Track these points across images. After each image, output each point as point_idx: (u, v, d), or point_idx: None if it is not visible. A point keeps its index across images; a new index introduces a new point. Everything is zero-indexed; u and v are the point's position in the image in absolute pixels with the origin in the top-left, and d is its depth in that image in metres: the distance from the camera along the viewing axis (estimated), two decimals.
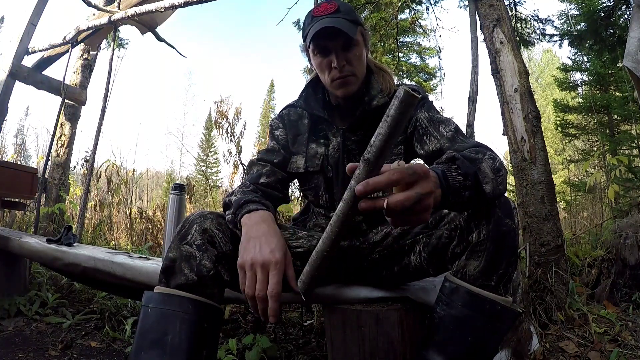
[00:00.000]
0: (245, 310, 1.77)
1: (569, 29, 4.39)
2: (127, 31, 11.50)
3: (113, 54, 2.72)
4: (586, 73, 5.77)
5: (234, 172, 3.16)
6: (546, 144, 1.87)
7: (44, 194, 2.92)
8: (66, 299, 1.91)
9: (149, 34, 2.94)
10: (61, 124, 3.16)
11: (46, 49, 2.79)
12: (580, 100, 6.00)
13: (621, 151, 5.00)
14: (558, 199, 2.94)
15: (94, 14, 2.96)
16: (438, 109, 1.02)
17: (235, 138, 3.11)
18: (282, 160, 1.07)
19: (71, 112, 3.21)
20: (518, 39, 3.82)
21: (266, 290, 0.73)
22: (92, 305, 1.86)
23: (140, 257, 1.50)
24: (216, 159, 23.01)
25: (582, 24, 4.26)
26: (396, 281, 1.00)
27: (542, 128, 1.89)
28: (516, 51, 1.93)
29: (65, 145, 3.17)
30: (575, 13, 4.42)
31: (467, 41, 2.09)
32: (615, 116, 5.23)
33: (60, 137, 3.16)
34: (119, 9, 2.61)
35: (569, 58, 6.15)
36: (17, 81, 2.71)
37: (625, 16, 3.87)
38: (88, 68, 3.29)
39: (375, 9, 4.52)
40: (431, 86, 7.21)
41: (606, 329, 1.51)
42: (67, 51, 2.78)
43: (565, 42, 4.43)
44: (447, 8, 6.43)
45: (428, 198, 0.56)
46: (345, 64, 0.96)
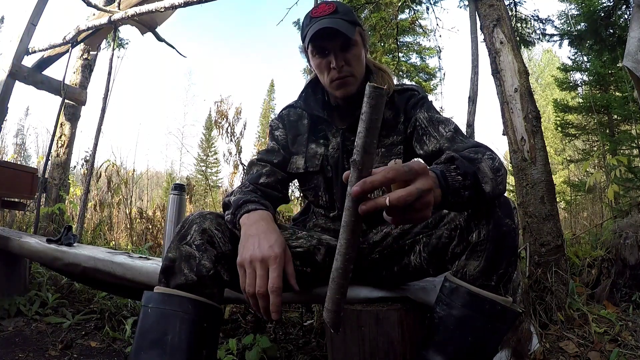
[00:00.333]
0: (245, 310, 1.77)
1: (569, 29, 4.38)
2: (127, 31, 11.50)
3: (113, 54, 2.72)
4: (586, 73, 5.77)
5: (234, 172, 3.16)
6: (546, 144, 1.87)
7: (44, 194, 2.92)
8: (66, 299, 1.91)
9: (149, 34, 2.94)
10: (61, 124, 3.16)
11: (46, 49, 2.79)
12: (580, 100, 5.99)
13: (621, 151, 5.00)
14: (558, 199, 2.94)
15: (94, 14, 2.96)
16: (438, 109, 1.02)
17: (235, 138, 3.11)
18: (282, 160, 1.07)
19: (71, 112, 3.21)
20: (518, 39, 3.82)
21: (267, 286, 0.73)
22: (92, 305, 1.86)
23: (140, 257, 1.50)
24: (216, 159, 23.02)
25: (582, 24, 4.26)
26: (396, 281, 1.00)
27: (542, 128, 1.89)
28: (516, 51, 1.93)
29: (65, 145, 3.17)
30: (575, 13, 4.42)
31: (467, 41, 2.09)
32: (615, 116, 5.23)
33: (60, 137, 3.16)
34: (119, 9, 2.61)
35: (569, 58, 6.15)
36: (17, 81, 2.71)
37: (625, 16, 3.87)
38: (88, 68, 3.29)
39: (375, 9, 4.51)
40: (431, 86, 7.20)
41: (606, 329, 1.51)
42: (67, 51, 2.78)
43: (565, 42, 4.43)
44: (447, 8, 6.44)
45: (428, 194, 0.56)
46: (344, 64, 0.96)
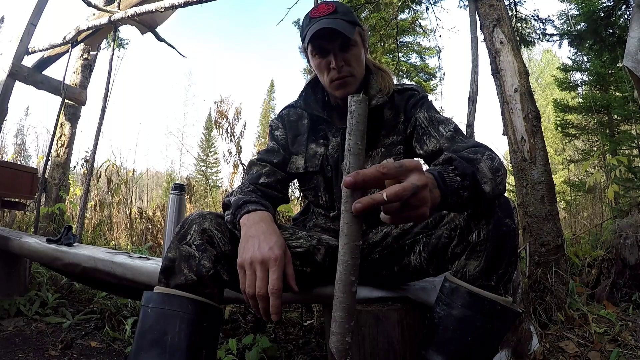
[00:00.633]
0: (245, 310, 1.77)
1: (569, 29, 4.38)
2: (127, 31, 11.50)
3: (113, 54, 2.72)
4: (586, 73, 5.76)
5: (234, 172, 3.17)
6: (546, 144, 1.87)
7: (44, 194, 2.92)
8: (66, 299, 1.91)
9: (149, 34, 2.94)
10: (61, 124, 3.17)
11: (46, 49, 2.79)
12: (580, 100, 5.99)
13: (621, 151, 4.99)
14: (558, 199, 2.94)
15: (94, 14, 2.96)
16: (438, 109, 1.02)
17: (235, 138, 3.11)
18: (282, 160, 1.07)
19: (71, 112, 3.22)
20: (518, 39, 3.83)
21: (267, 287, 0.72)
22: (92, 305, 1.86)
23: (140, 257, 1.50)
24: (216, 159, 23.02)
25: (582, 24, 4.26)
26: (396, 281, 1.00)
27: (542, 128, 1.89)
28: (516, 51, 1.93)
29: (65, 145, 3.18)
30: (575, 13, 4.41)
31: (467, 41, 2.09)
32: (615, 116, 5.22)
33: (60, 137, 3.16)
34: (119, 9, 2.61)
35: (569, 58, 6.13)
36: (17, 81, 2.71)
37: (625, 16, 3.86)
38: (88, 68, 3.30)
39: (375, 9, 4.52)
40: (431, 86, 7.20)
41: (606, 329, 1.51)
42: (67, 51, 2.78)
43: (565, 42, 4.43)
44: (447, 8, 6.45)
45: (424, 190, 0.56)
46: (344, 64, 0.96)
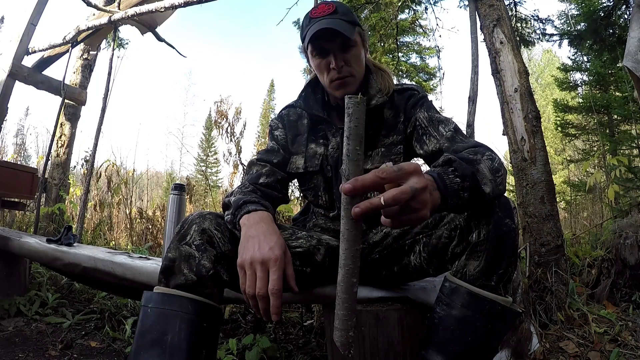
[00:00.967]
0: (245, 310, 1.77)
1: (568, 29, 4.38)
2: (127, 31, 11.50)
3: (113, 54, 2.72)
4: (586, 73, 5.76)
5: (234, 172, 3.17)
6: (546, 144, 1.87)
7: (44, 194, 2.92)
8: (66, 299, 1.91)
9: (149, 34, 2.94)
10: (61, 124, 3.17)
11: (46, 49, 2.79)
12: (580, 100, 5.98)
13: (621, 151, 4.99)
14: (558, 199, 2.93)
15: (94, 14, 2.96)
16: (438, 108, 1.02)
17: (235, 138, 3.11)
18: (282, 160, 1.07)
19: (71, 112, 3.22)
20: (518, 39, 3.82)
21: (267, 288, 0.73)
22: (92, 305, 1.86)
23: (140, 257, 1.50)
24: (216, 159, 23.02)
25: (582, 24, 4.26)
26: (396, 281, 1.00)
27: (542, 128, 1.89)
28: (516, 51, 1.92)
29: (65, 145, 3.18)
30: (575, 13, 4.41)
31: (467, 41, 2.09)
32: (615, 116, 5.22)
33: (60, 137, 3.16)
34: (119, 9, 2.61)
35: (569, 58, 6.13)
36: (17, 81, 2.71)
37: (625, 16, 3.86)
38: (88, 68, 3.29)
39: (375, 9, 4.52)
40: (431, 86, 7.21)
41: (606, 329, 1.51)
42: (67, 51, 2.78)
43: (565, 42, 4.43)
44: (447, 8, 6.45)
45: (423, 193, 0.55)
46: (344, 64, 0.96)
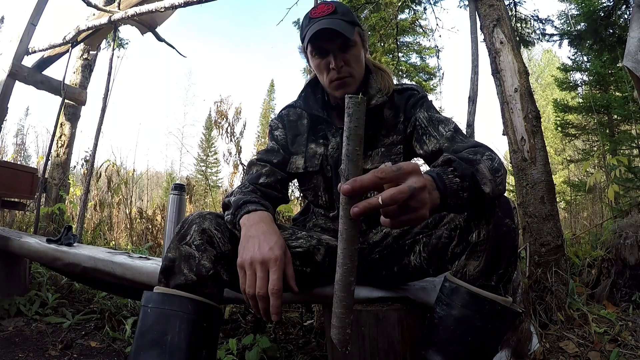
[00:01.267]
0: (245, 310, 1.77)
1: (568, 29, 4.38)
2: (127, 31, 11.51)
3: (113, 54, 2.72)
4: (586, 73, 5.76)
5: (234, 172, 3.17)
6: (546, 144, 1.87)
7: (44, 194, 2.92)
8: (66, 299, 1.91)
9: (149, 34, 2.94)
10: (61, 124, 3.16)
11: (46, 49, 2.79)
12: (580, 100, 5.99)
13: (621, 151, 4.99)
14: (558, 199, 2.94)
15: (94, 14, 2.96)
16: (438, 108, 1.02)
17: (235, 138, 3.11)
18: (282, 160, 1.07)
19: (71, 112, 3.21)
20: (518, 39, 3.82)
21: (267, 288, 0.73)
22: (92, 305, 1.86)
23: (140, 257, 1.50)
24: (216, 159, 23.02)
25: (582, 24, 4.26)
26: (396, 281, 1.00)
27: (542, 128, 1.89)
28: (516, 51, 1.92)
29: (65, 145, 3.17)
30: (575, 13, 4.41)
31: (467, 41, 2.09)
32: (615, 116, 5.22)
33: (60, 137, 3.16)
34: (119, 9, 2.61)
35: (569, 58, 6.14)
36: (17, 81, 2.71)
37: (625, 16, 3.86)
38: (88, 68, 3.29)
39: (375, 9, 4.52)
40: (431, 86, 7.22)
41: (606, 329, 1.50)
42: (67, 51, 2.78)
43: (565, 42, 4.43)
44: (447, 8, 6.47)
45: (422, 192, 0.55)
46: (343, 64, 0.96)
